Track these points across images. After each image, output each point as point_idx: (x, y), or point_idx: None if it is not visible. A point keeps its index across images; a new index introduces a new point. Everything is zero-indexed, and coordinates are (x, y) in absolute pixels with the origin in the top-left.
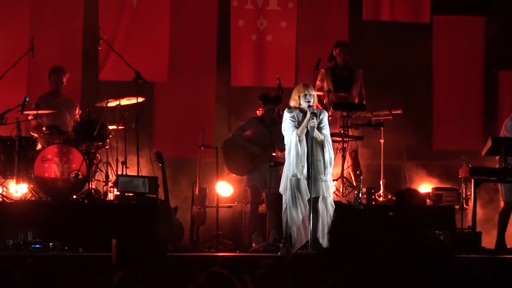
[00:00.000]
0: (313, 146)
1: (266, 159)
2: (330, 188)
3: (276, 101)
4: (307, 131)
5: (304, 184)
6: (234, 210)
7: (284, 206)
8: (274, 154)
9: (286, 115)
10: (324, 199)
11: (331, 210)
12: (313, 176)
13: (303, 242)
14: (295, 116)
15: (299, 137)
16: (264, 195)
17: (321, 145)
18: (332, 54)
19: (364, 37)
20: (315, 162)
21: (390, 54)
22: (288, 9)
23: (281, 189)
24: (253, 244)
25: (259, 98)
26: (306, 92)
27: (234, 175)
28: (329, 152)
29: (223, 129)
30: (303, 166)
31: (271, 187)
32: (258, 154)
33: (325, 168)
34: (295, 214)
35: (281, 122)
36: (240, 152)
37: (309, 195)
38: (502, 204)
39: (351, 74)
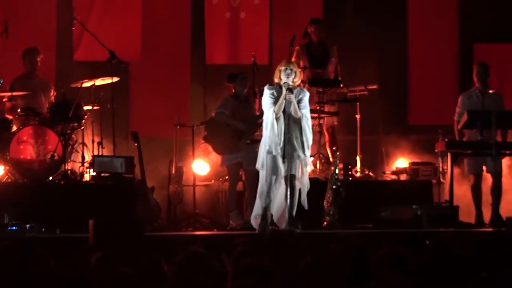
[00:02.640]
0: (290, 123)
1: (251, 136)
2: (307, 167)
3: (241, 76)
4: (284, 107)
5: (280, 161)
6: (210, 188)
7: (261, 182)
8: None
9: (266, 92)
10: (300, 177)
11: (306, 189)
12: (290, 153)
13: (278, 219)
14: (274, 93)
15: (276, 114)
16: (243, 173)
17: (299, 123)
18: (307, 31)
19: (338, 13)
20: (292, 140)
21: (365, 30)
22: None
23: (258, 165)
24: (231, 222)
25: (227, 79)
26: (286, 66)
27: (221, 155)
28: (307, 131)
29: (199, 107)
30: (278, 144)
31: (251, 164)
32: (244, 131)
33: (302, 146)
34: (271, 191)
35: (253, 99)
36: (225, 130)
37: (285, 173)
38: (471, 177)
39: (325, 51)
